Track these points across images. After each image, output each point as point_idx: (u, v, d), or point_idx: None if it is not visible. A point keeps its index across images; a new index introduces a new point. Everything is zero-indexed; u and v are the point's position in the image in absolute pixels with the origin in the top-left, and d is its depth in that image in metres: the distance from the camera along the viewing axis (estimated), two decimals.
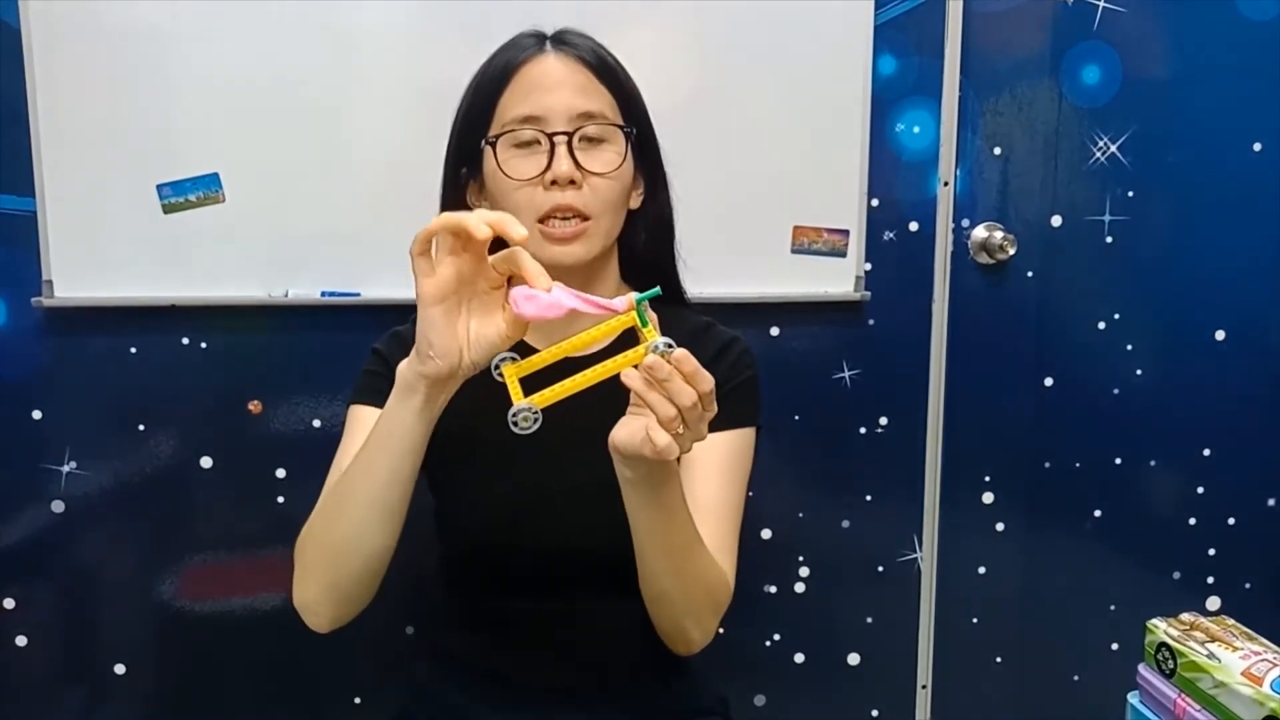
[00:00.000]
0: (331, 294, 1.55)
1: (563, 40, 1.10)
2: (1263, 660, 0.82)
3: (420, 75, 1.52)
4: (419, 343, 0.88)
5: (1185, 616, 0.92)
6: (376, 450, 0.95)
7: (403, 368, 0.91)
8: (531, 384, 0.87)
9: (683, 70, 1.56)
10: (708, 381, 0.85)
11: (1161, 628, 0.90)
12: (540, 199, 1.05)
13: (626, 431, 0.88)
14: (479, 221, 0.82)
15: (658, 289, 0.87)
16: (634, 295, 0.85)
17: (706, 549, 1.06)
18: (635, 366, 0.84)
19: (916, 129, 1.66)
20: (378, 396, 1.08)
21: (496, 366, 0.89)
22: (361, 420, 1.09)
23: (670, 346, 0.83)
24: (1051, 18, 1.67)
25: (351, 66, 1.52)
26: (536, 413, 0.85)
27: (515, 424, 0.84)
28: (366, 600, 1.04)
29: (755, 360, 1.17)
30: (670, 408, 0.84)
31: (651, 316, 0.87)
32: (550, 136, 1.05)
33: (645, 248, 1.17)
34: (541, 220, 1.05)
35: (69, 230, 1.50)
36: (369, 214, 1.53)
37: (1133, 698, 0.93)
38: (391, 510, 0.98)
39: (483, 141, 1.08)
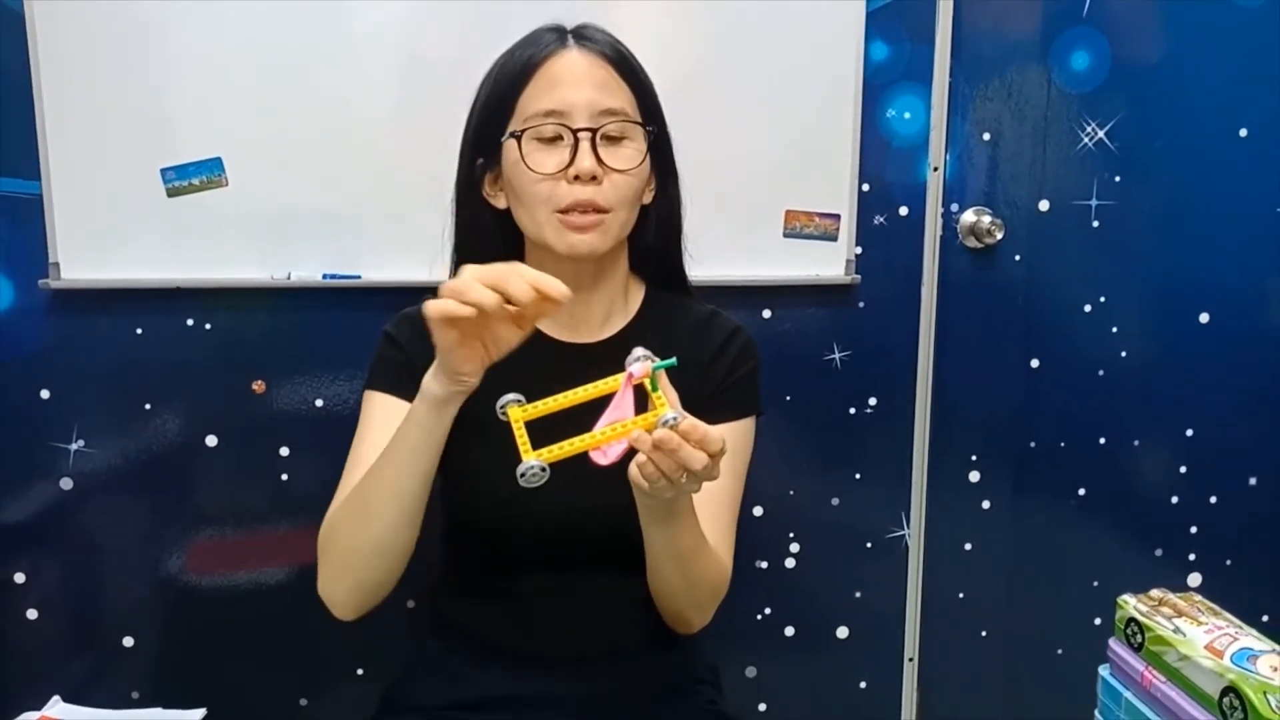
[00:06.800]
0: (333, 276, 1.57)
1: (584, 35, 1.12)
2: (1225, 634, 0.86)
3: (422, 61, 1.54)
4: (446, 368, 0.93)
5: (1155, 592, 0.95)
6: (408, 457, 0.99)
7: (432, 385, 0.95)
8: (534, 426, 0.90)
9: (675, 56, 1.57)
10: (717, 442, 0.89)
11: (1131, 603, 0.94)
12: (562, 193, 1.08)
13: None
14: (486, 300, 0.87)
15: (674, 360, 0.89)
16: (650, 365, 0.88)
17: (711, 548, 1.11)
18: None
19: (907, 114, 1.68)
20: (395, 385, 1.12)
21: (502, 409, 0.91)
22: (380, 408, 1.13)
23: (677, 420, 0.86)
24: (1041, 3, 1.69)
25: (353, 51, 1.53)
26: (545, 470, 0.87)
27: (523, 478, 0.87)
28: (389, 590, 1.09)
29: (757, 350, 1.22)
30: (672, 465, 0.88)
31: (667, 390, 0.90)
32: (574, 132, 1.07)
33: (654, 240, 1.20)
34: (561, 211, 1.08)
35: (75, 213, 1.51)
36: (370, 198, 1.55)
37: (1103, 670, 0.96)
38: (419, 510, 1.03)
39: (506, 135, 1.10)
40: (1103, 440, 1.82)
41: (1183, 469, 1.85)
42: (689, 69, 1.58)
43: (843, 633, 1.82)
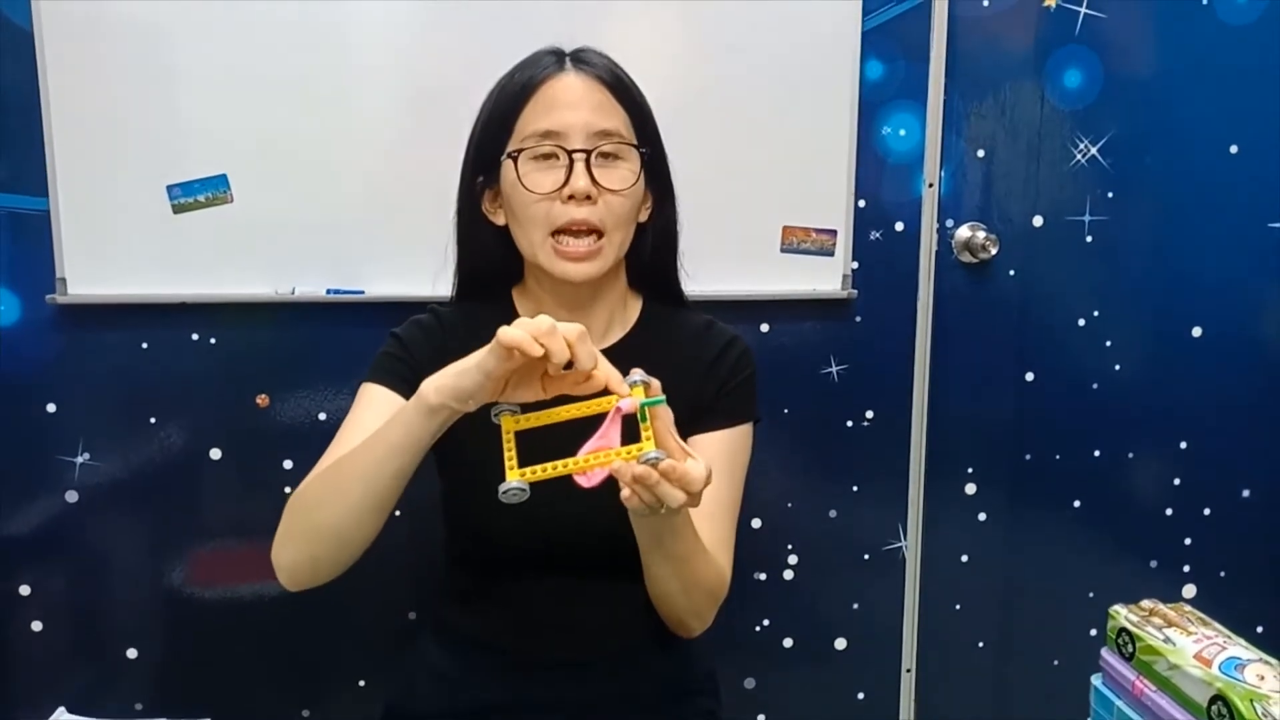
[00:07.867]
0: (336, 291, 1.59)
1: (581, 59, 1.14)
2: (1213, 644, 0.87)
3: (424, 79, 1.56)
4: (462, 385, 0.91)
5: (1146, 603, 0.96)
6: (386, 451, 0.98)
7: (430, 393, 0.93)
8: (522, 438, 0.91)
9: (675, 74, 1.60)
10: (698, 482, 0.90)
11: (1123, 613, 0.95)
12: (557, 212, 1.10)
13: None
14: (559, 350, 0.87)
15: (664, 398, 0.90)
16: (640, 400, 0.88)
17: (708, 553, 1.11)
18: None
19: (903, 132, 1.70)
20: (393, 379, 1.13)
21: (496, 415, 0.92)
22: (373, 398, 1.13)
23: (658, 459, 0.87)
24: (1035, 22, 1.71)
25: (357, 71, 1.55)
26: (526, 490, 0.88)
27: (504, 495, 0.88)
28: (335, 574, 1.07)
29: (753, 358, 1.23)
30: (651, 498, 0.90)
31: (665, 415, 0.91)
32: (570, 153, 1.09)
33: (651, 257, 1.22)
34: (554, 234, 1.10)
35: (82, 230, 1.53)
36: (373, 215, 1.57)
37: (1095, 679, 0.97)
38: (387, 506, 1.02)
39: (504, 155, 1.12)
40: (1097, 453, 1.84)
41: (1176, 481, 1.86)
42: (688, 88, 1.60)
43: (840, 644, 1.84)
